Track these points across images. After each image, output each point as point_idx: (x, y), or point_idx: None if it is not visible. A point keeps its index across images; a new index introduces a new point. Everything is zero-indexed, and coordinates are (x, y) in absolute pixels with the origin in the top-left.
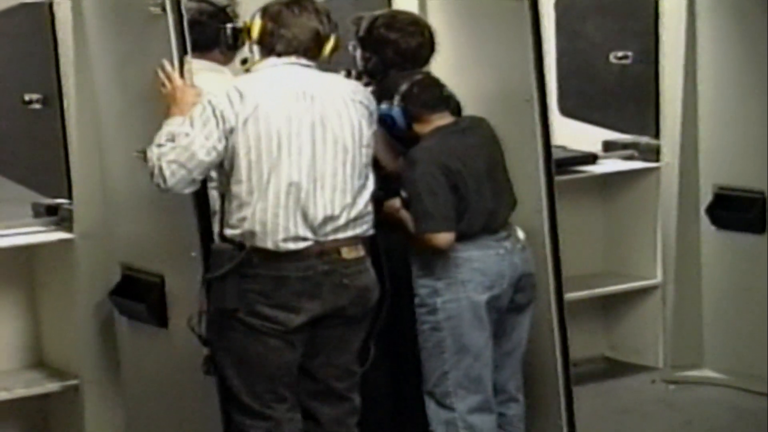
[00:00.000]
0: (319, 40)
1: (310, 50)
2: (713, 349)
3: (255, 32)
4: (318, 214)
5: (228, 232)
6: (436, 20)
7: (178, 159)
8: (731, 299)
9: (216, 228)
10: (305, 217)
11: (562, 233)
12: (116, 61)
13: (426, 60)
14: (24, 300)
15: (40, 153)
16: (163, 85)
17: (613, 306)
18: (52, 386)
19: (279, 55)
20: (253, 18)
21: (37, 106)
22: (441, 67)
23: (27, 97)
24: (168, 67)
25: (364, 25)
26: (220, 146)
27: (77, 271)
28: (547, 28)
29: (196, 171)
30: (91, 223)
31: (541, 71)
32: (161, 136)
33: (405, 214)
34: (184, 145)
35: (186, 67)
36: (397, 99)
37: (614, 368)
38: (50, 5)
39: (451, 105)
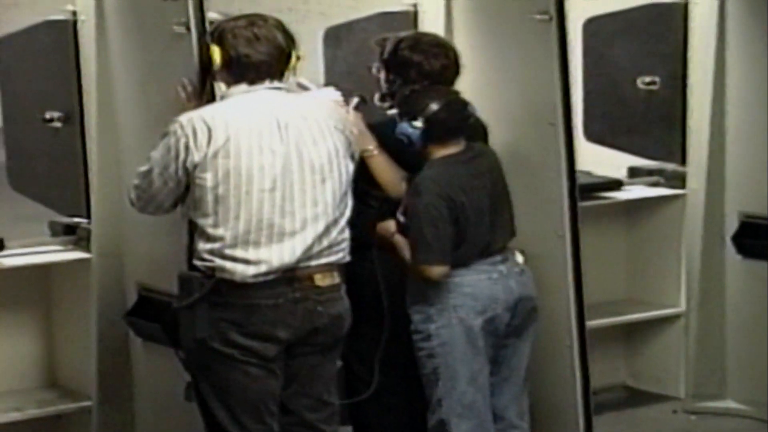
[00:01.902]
0: (284, 57)
1: (279, 70)
2: (736, 379)
3: (217, 59)
4: (296, 249)
5: (196, 262)
6: (462, 41)
7: (140, 184)
8: (755, 329)
9: (186, 256)
10: (281, 253)
11: (585, 259)
12: (138, 80)
13: (451, 82)
14: (39, 319)
15: (59, 171)
16: (188, 99)
17: (635, 334)
18: (65, 407)
19: (251, 81)
20: (210, 42)
21: (57, 124)
22: (467, 88)
23: (48, 115)
24: (190, 85)
25: (388, 47)
26: (178, 176)
27: (93, 291)
28: (573, 51)
29: (160, 196)
30: (108, 243)
31: (566, 95)
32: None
33: (400, 239)
34: (143, 171)
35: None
36: (421, 119)
37: (635, 397)
38: (74, 23)
39: (475, 129)
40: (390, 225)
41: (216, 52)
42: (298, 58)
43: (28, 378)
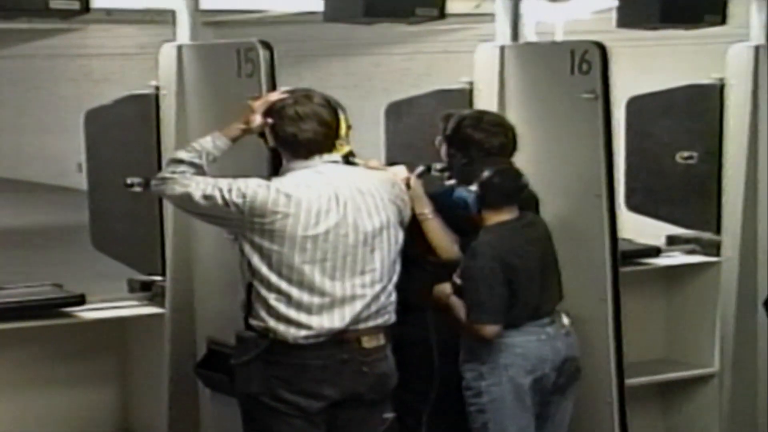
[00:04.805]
0: (332, 131)
1: (328, 144)
2: None
3: (270, 138)
4: (345, 316)
5: (253, 322)
6: (514, 117)
7: (189, 191)
8: None
9: (242, 314)
10: (331, 320)
11: (625, 321)
12: None
13: (508, 158)
14: (116, 368)
15: (137, 233)
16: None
17: (671, 392)
18: None
19: (305, 157)
20: (263, 119)
21: (137, 189)
22: (519, 162)
23: (129, 180)
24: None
25: (451, 123)
26: (218, 222)
27: (166, 344)
28: (617, 127)
29: (188, 207)
30: (181, 299)
31: (610, 168)
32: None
33: (455, 301)
34: (205, 192)
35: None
36: (476, 184)
37: None
38: (156, 96)
39: (527, 200)
40: (446, 287)
41: (268, 132)
42: (349, 127)
43: (104, 422)
